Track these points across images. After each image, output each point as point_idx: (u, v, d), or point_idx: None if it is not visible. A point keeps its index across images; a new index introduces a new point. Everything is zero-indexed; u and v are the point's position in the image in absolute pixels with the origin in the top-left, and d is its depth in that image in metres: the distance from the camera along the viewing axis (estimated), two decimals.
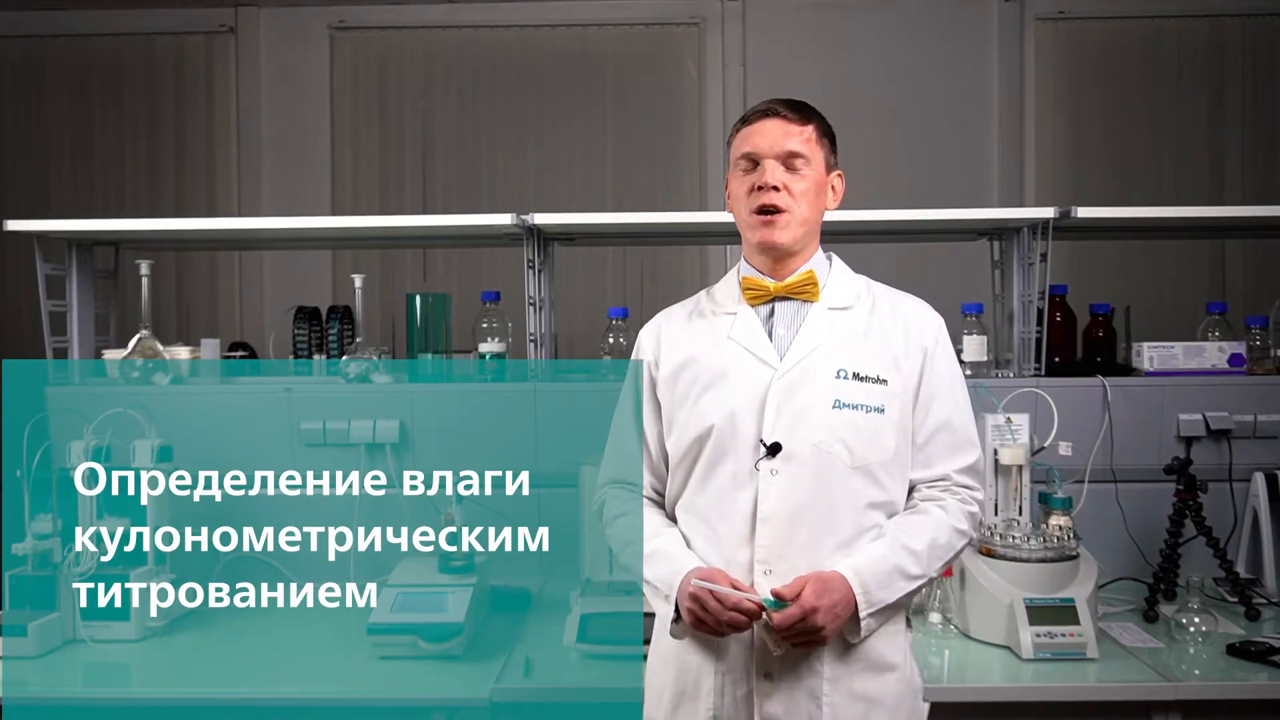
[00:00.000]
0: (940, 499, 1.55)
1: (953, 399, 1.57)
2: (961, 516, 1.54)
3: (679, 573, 1.47)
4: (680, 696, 1.53)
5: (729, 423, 1.50)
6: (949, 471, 1.56)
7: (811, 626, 1.40)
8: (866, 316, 1.57)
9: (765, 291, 1.57)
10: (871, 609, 1.44)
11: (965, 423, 1.59)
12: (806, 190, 1.53)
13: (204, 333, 3.14)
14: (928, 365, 1.55)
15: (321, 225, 2.75)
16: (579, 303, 3.91)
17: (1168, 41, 4.16)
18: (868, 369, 1.51)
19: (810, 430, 1.48)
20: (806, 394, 1.50)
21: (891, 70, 4.14)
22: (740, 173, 1.56)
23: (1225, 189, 4.12)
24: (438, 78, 4.26)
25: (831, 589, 1.42)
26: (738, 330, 1.56)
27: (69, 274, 2.65)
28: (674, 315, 1.67)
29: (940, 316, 1.62)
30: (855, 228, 2.77)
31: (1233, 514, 2.47)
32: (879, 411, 1.50)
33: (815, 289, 1.57)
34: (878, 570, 1.46)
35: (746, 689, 1.48)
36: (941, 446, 1.56)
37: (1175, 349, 2.55)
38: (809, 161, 1.53)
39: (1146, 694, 1.85)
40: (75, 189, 4.25)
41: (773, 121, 1.54)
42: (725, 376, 1.53)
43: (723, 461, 1.51)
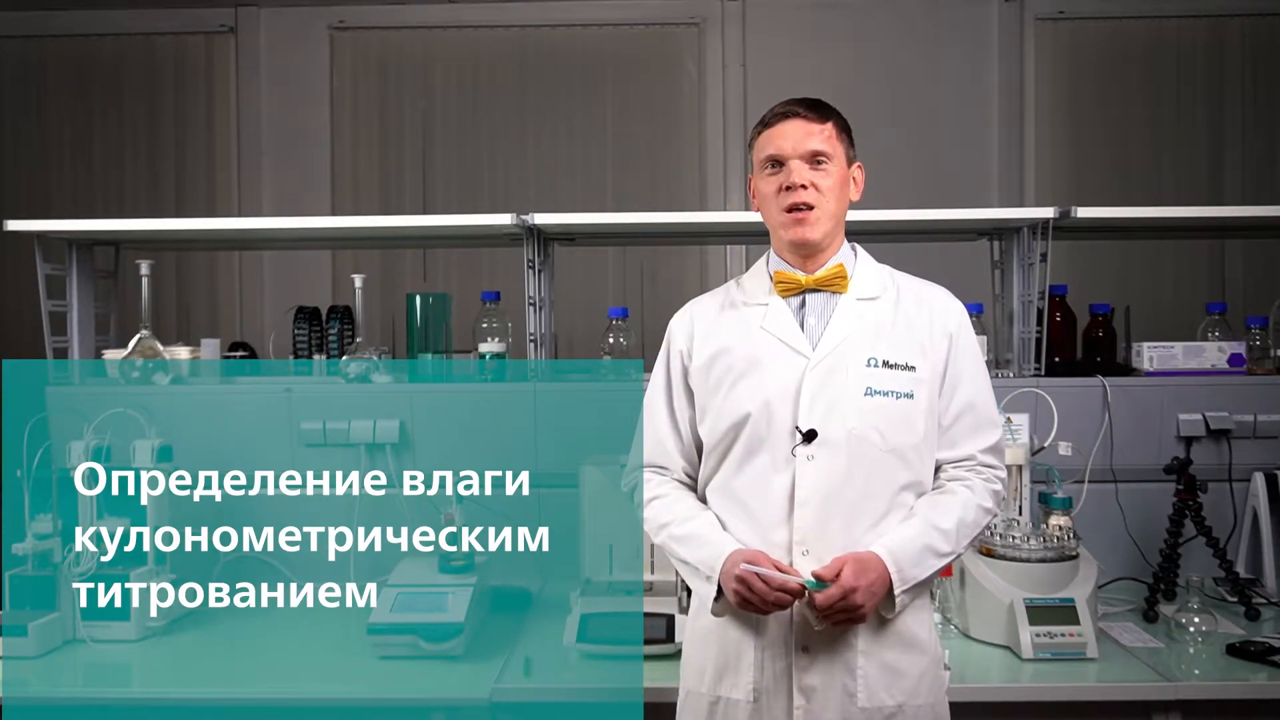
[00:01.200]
0: (966, 479, 1.61)
1: (976, 382, 1.63)
2: (987, 495, 1.61)
3: (720, 554, 1.53)
4: (723, 670, 1.58)
5: (765, 410, 1.55)
6: (974, 452, 1.62)
7: (851, 605, 1.46)
8: (893, 305, 1.62)
9: (797, 284, 1.62)
10: (905, 586, 1.51)
11: (988, 404, 1.65)
12: (832, 186, 1.59)
13: (204, 333, 3.15)
14: (952, 350, 1.61)
15: (321, 225, 2.75)
16: (579, 303, 3.90)
17: (1168, 41, 4.15)
18: (897, 356, 1.57)
19: (844, 417, 1.54)
20: (839, 382, 1.55)
21: (891, 70, 4.13)
22: (766, 175, 1.61)
23: (1225, 189, 4.12)
24: (438, 78, 4.25)
25: (868, 569, 1.48)
26: (771, 321, 1.61)
27: (69, 274, 2.65)
28: (706, 305, 1.71)
29: (960, 303, 1.67)
30: (855, 228, 2.74)
31: (1233, 514, 2.47)
32: (909, 397, 1.56)
33: (845, 281, 1.62)
34: (910, 549, 1.52)
35: (785, 662, 1.54)
36: (966, 428, 1.62)
37: (1175, 349, 2.55)
38: (832, 158, 1.59)
39: (1146, 694, 1.85)
40: (75, 189, 4.24)
41: (793, 122, 1.59)
42: (760, 365, 1.58)
43: (760, 448, 1.56)
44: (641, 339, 3.52)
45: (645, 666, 1.93)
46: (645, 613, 2.02)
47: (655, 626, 1.99)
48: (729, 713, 1.56)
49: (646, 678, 1.87)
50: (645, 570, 2.26)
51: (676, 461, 1.68)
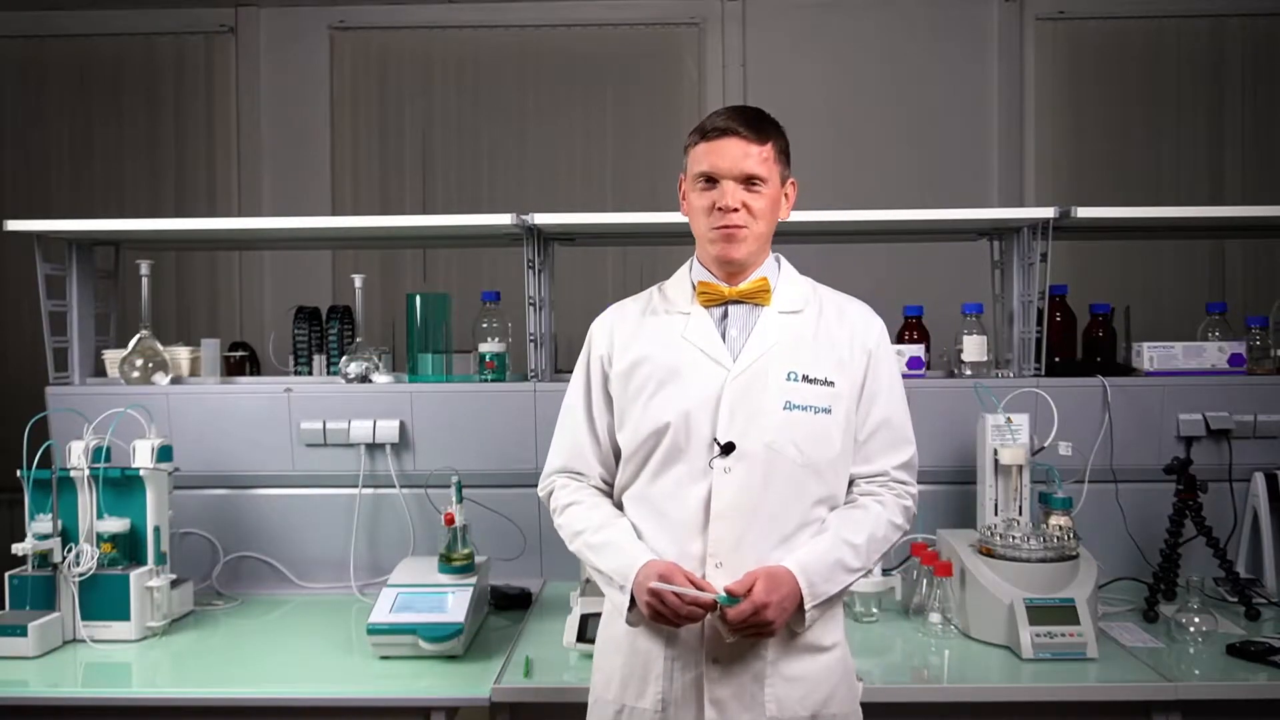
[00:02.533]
0: (878, 494, 1.63)
1: (892, 398, 1.65)
2: (898, 511, 1.63)
3: (633, 564, 1.53)
4: (629, 680, 1.58)
5: (684, 421, 1.55)
6: (887, 468, 1.64)
7: (762, 620, 1.46)
8: (815, 320, 1.63)
9: (720, 295, 1.63)
10: (815, 601, 1.52)
11: (903, 421, 1.66)
12: (764, 208, 1.59)
13: (204, 333, 3.16)
14: (871, 367, 1.63)
15: (321, 225, 2.75)
16: (579, 303, 3.90)
17: (1168, 41, 4.15)
18: (816, 371, 1.58)
19: (762, 430, 1.54)
20: (759, 395, 1.56)
21: (891, 70, 4.13)
22: (699, 189, 1.60)
23: (1225, 189, 4.12)
24: (438, 78, 4.26)
25: (780, 584, 1.48)
26: (692, 331, 1.61)
27: (69, 274, 2.65)
28: (627, 310, 1.71)
29: (881, 319, 1.68)
30: (855, 228, 2.77)
31: (1233, 514, 2.47)
32: (826, 412, 1.57)
33: (768, 294, 1.63)
34: (822, 565, 1.53)
35: (696, 673, 1.54)
36: (881, 443, 1.64)
37: (1175, 349, 2.55)
38: (766, 180, 1.58)
39: (1146, 694, 1.85)
40: (75, 189, 4.24)
41: (731, 141, 1.57)
42: (680, 375, 1.58)
43: (678, 458, 1.56)
44: None
45: None
46: None
47: None
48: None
49: None
50: None
51: (593, 467, 1.67)
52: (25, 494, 2.16)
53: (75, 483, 2.17)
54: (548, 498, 1.72)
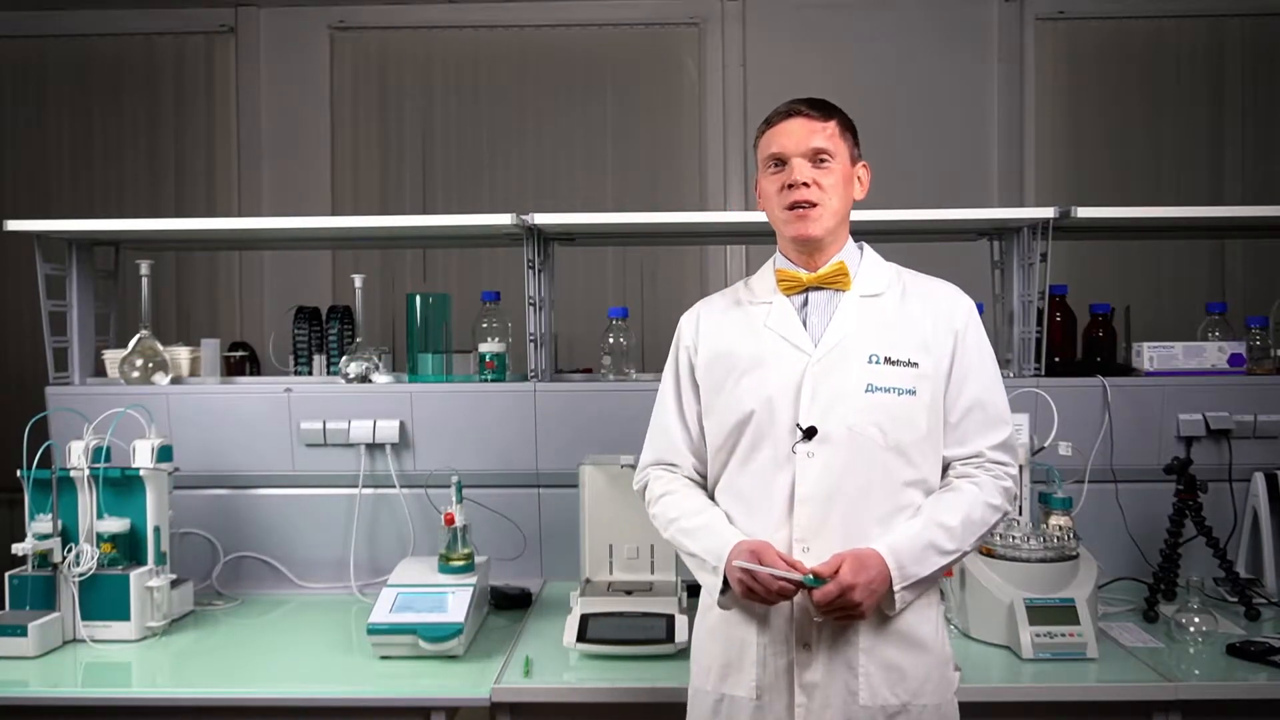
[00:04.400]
0: (974, 475, 1.60)
1: (984, 378, 1.63)
2: (995, 491, 1.59)
3: (726, 545, 1.53)
4: (727, 668, 1.59)
5: (767, 407, 1.56)
6: (982, 448, 1.61)
7: (849, 602, 1.46)
8: (897, 302, 1.63)
9: (799, 282, 1.64)
10: (905, 583, 1.50)
11: (998, 401, 1.64)
12: (835, 183, 1.60)
13: (204, 333, 3.16)
14: (959, 347, 1.61)
15: (321, 225, 2.75)
16: (579, 303, 3.91)
17: (1168, 41, 4.16)
18: (899, 353, 1.57)
19: (844, 413, 1.54)
20: (840, 378, 1.56)
21: (891, 70, 4.13)
22: (770, 173, 1.63)
23: (1225, 189, 4.12)
24: (438, 78, 4.26)
25: (867, 566, 1.48)
26: (773, 319, 1.63)
27: (69, 274, 2.65)
28: (713, 304, 1.74)
29: (969, 299, 1.67)
30: (855, 227, 2.75)
31: (1233, 514, 2.47)
32: (910, 394, 1.56)
33: (847, 278, 1.63)
34: (912, 546, 1.51)
35: (787, 659, 1.54)
36: (975, 424, 1.61)
37: (1175, 349, 2.55)
38: (834, 156, 1.60)
39: (1146, 694, 1.84)
40: (75, 189, 4.25)
41: (796, 121, 1.61)
42: (762, 363, 1.59)
43: (762, 445, 1.57)
44: (641, 339, 3.53)
45: (645, 666, 1.93)
46: (645, 613, 2.02)
47: (655, 626, 1.99)
48: (732, 710, 1.57)
49: (646, 678, 1.88)
50: (645, 570, 2.26)
51: (686, 458, 1.69)
52: (25, 494, 2.16)
53: (75, 483, 2.17)
54: (642, 490, 1.74)
